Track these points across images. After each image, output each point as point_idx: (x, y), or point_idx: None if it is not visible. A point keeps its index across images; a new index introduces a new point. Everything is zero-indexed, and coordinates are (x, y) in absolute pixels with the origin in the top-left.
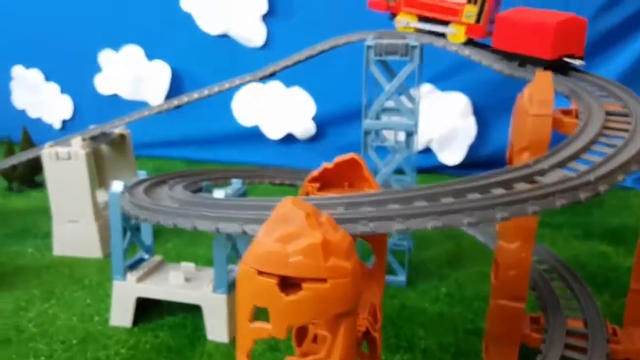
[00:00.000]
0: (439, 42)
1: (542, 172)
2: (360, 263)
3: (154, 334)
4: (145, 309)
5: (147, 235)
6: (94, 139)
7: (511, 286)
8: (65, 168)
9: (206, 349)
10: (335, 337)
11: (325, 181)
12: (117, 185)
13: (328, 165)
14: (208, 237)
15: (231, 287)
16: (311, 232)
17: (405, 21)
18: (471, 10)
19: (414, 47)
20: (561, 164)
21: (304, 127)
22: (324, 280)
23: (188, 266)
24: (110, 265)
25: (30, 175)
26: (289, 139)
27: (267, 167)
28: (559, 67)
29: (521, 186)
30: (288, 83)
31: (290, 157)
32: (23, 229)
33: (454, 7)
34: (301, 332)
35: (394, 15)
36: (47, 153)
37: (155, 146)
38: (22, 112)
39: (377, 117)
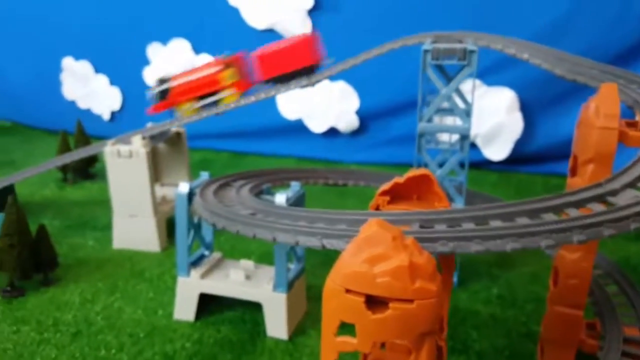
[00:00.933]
0: (496, 45)
1: (614, 193)
2: None
3: (216, 329)
4: (205, 302)
5: (207, 233)
6: (152, 137)
7: (570, 294)
8: (126, 165)
9: (266, 345)
10: (418, 353)
11: (395, 194)
12: (183, 187)
13: (399, 179)
14: None
15: (290, 286)
16: (398, 254)
17: (188, 106)
18: (229, 73)
19: (472, 51)
20: (632, 184)
21: (348, 121)
22: (410, 301)
23: (247, 264)
24: (169, 258)
25: (85, 167)
26: (332, 132)
27: (319, 168)
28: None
29: (595, 207)
30: (332, 77)
31: (333, 151)
32: (82, 222)
33: (213, 78)
34: None
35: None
36: (110, 151)
37: (201, 138)
38: (72, 103)
39: (430, 119)
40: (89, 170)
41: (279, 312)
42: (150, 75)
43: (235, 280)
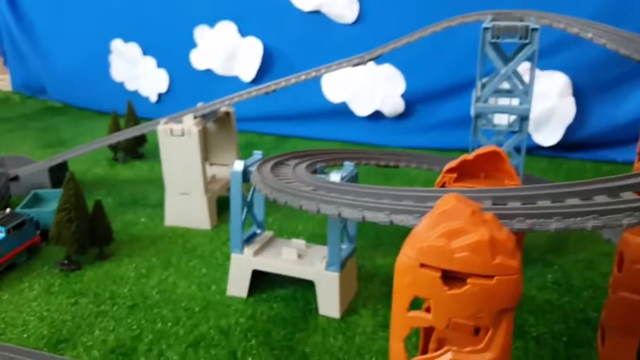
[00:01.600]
0: (558, 24)
1: None
2: None
3: (268, 306)
4: (257, 280)
5: (259, 211)
6: (203, 116)
7: (636, 279)
8: (178, 144)
9: (319, 323)
10: (496, 331)
11: (462, 172)
12: (238, 165)
13: (467, 156)
14: (305, 213)
15: (342, 266)
16: (477, 229)
17: None
18: None
19: (534, 29)
20: None
21: (393, 105)
22: (490, 277)
23: (299, 242)
24: (219, 236)
25: (135, 147)
26: (377, 116)
27: (370, 150)
28: None
29: None
30: (378, 60)
31: (377, 135)
32: (133, 199)
33: None
34: None
35: None
36: (163, 129)
37: (244, 121)
38: (121, 85)
39: (486, 101)
40: (138, 150)
41: (331, 291)
42: (197, 58)
43: (288, 259)
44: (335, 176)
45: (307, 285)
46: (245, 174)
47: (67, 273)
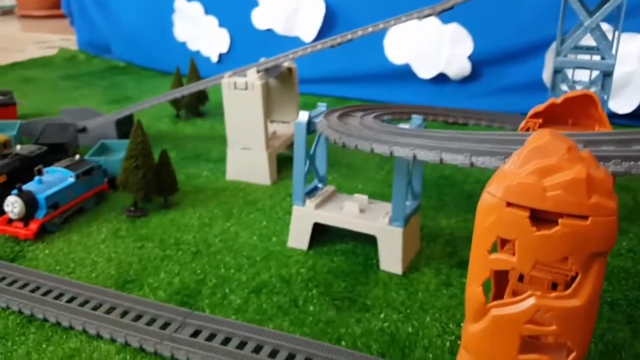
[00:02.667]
0: None
1: None
2: None
3: (329, 258)
4: (318, 234)
5: (321, 166)
6: (266, 71)
7: None
8: (241, 97)
9: (380, 278)
10: (585, 276)
11: (549, 117)
12: (302, 115)
13: (556, 100)
14: (365, 173)
15: (406, 222)
16: (573, 166)
17: None
18: None
19: None
20: None
21: (459, 67)
22: (584, 218)
23: (361, 197)
24: (279, 192)
25: (196, 105)
26: (441, 78)
27: (438, 107)
28: None
29: None
30: (445, 19)
31: (441, 99)
32: (196, 154)
33: None
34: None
35: None
36: (227, 83)
37: (304, 82)
38: (183, 45)
39: (566, 55)
40: (200, 108)
41: (394, 246)
42: (258, 17)
43: (350, 212)
44: (403, 127)
45: (369, 241)
46: (310, 125)
47: (133, 219)
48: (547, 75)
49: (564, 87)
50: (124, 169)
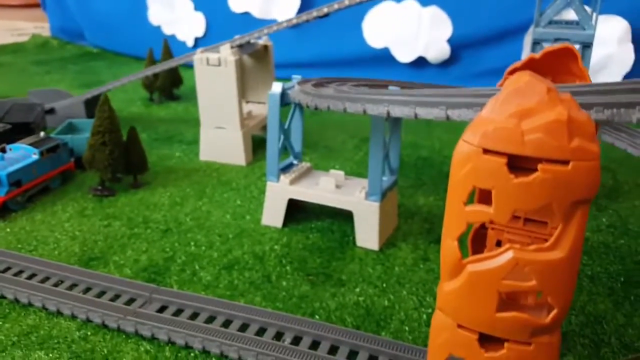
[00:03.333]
0: None
1: None
2: None
3: (304, 235)
4: (292, 213)
5: (296, 141)
6: (240, 47)
7: None
8: (214, 74)
9: (356, 254)
10: (567, 226)
11: None
12: (276, 87)
13: (535, 55)
14: (342, 154)
15: (383, 196)
16: (553, 107)
17: None
18: None
19: None
20: None
21: (438, 50)
22: (565, 163)
23: (337, 173)
24: (254, 172)
25: (170, 88)
26: (420, 62)
27: (416, 82)
28: None
29: None
30: (424, 2)
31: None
32: (168, 136)
33: None
34: (479, 236)
35: None
36: (199, 59)
37: (282, 67)
38: (157, 29)
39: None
40: (173, 91)
41: (370, 221)
42: (235, 1)
43: (326, 188)
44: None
45: (345, 218)
46: (284, 97)
47: (100, 198)
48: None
49: None
50: (90, 146)
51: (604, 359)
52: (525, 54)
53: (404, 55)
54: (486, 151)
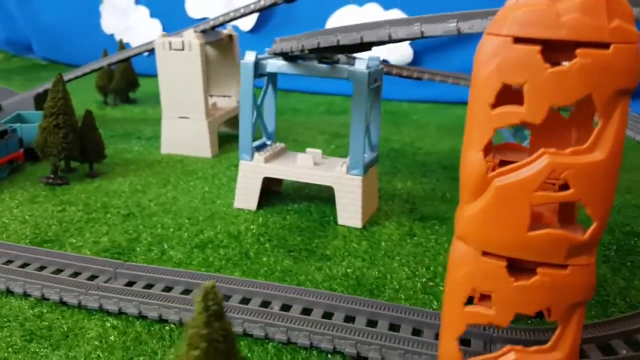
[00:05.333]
0: None
1: None
2: None
3: (281, 217)
4: (265, 198)
5: (270, 120)
6: (204, 32)
7: None
8: (178, 59)
9: (339, 231)
10: (607, 122)
11: None
12: (249, 56)
13: None
14: (313, 145)
15: (365, 171)
16: None
17: None
18: None
19: None
20: None
21: (401, 53)
22: (605, 46)
23: (315, 152)
24: (221, 163)
25: (126, 90)
26: None
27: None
28: None
29: None
30: (387, 5)
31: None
32: (125, 133)
33: None
34: None
35: None
36: (160, 43)
37: None
38: (111, 37)
39: None
40: (129, 94)
41: (353, 197)
42: (192, 6)
43: (304, 165)
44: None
45: (323, 200)
46: (258, 68)
47: (53, 187)
48: None
49: None
50: (42, 129)
51: (612, 316)
52: None
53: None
54: (517, 40)
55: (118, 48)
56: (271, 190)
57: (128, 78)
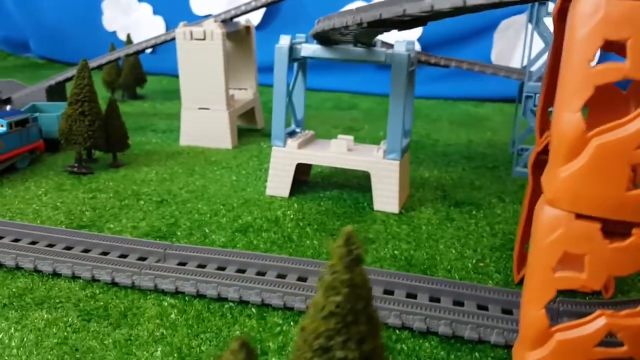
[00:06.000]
0: None
1: None
2: None
3: (315, 203)
4: (295, 188)
5: (299, 107)
6: (224, 22)
7: None
8: (199, 49)
9: (377, 217)
10: None
11: None
12: (284, 40)
13: None
14: (331, 133)
15: (402, 155)
16: None
17: None
18: None
19: None
20: None
21: None
22: None
23: (347, 138)
24: (243, 154)
25: (134, 86)
26: None
27: None
28: None
29: None
30: None
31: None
32: (139, 126)
33: None
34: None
35: None
36: (181, 32)
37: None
38: (113, 35)
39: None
40: (137, 90)
41: (390, 181)
42: (197, 4)
43: (338, 150)
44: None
45: (354, 188)
46: (292, 52)
47: (78, 176)
48: (495, 56)
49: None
50: (66, 117)
51: None
52: (495, 53)
53: None
54: None
55: (125, 43)
56: (298, 179)
57: (136, 73)
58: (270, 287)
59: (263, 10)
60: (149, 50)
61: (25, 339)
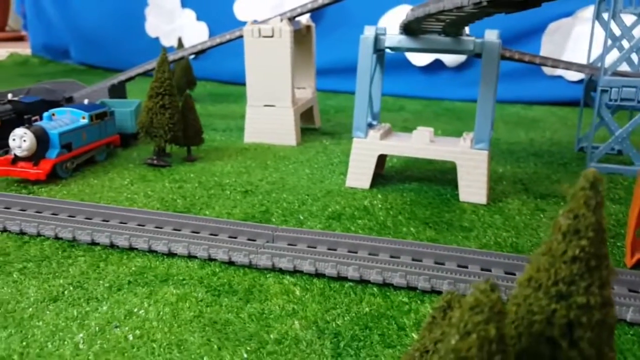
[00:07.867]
0: None
1: None
2: None
3: (398, 194)
4: (372, 180)
5: (376, 100)
6: (290, 21)
7: None
8: (267, 46)
9: (465, 207)
10: None
11: None
12: (369, 30)
13: None
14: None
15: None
16: None
17: None
18: None
19: None
20: None
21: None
22: None
23: (427, 129)
24: (308, 151)
25: (184, 87)
26: (436, 66)
27: None
28: None
29: None
30: None
31: (436, 87)
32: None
33: None
34: None
35: None
36: (249, 30)
37: None
38: (155, 41)
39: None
40: (187, 92)
41: (478, 171)
42: (240, 9)
43: (421, 140)
44: None
45: (434, 180)
46: (377, 42)
47: (157, 169)
48: None
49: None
50: (147, 110)
51: None
52: (544, 53)
53: (419, 58)
54: None
55: (177, 47)
56: (375, 172)
57: (188, 76)
58: (390, 267)
59: (307, 16)
60: (192, 56)
61: (161, 312)
